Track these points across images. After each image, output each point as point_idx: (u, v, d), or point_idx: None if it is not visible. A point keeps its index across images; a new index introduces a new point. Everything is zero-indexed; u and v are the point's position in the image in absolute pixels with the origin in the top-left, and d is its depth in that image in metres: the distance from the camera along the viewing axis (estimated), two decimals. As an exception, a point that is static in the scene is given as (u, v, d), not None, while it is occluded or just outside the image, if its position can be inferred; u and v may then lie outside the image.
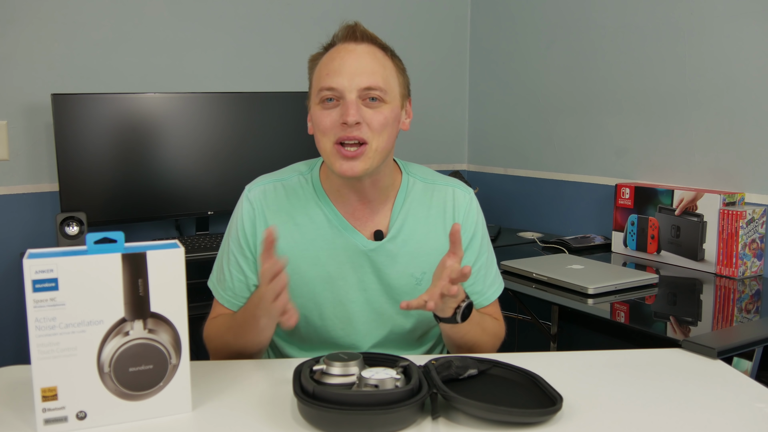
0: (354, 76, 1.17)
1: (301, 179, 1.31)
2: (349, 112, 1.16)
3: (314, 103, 1.21)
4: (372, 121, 1.18)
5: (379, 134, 1.19)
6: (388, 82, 1.20)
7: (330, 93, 1.18)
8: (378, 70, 1.19)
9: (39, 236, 2.38)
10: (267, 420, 0.98)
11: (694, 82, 2.27)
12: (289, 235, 1.27)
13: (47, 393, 0.92)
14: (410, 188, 1.32)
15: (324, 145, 1.20)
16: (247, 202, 1.29)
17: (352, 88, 1.17)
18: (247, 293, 1.30)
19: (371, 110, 1.18)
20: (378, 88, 1.18)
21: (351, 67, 1.17)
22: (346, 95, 1.17)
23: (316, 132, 1.21)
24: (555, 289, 1.91)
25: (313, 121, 1.21)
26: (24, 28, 2.31)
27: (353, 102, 1.17)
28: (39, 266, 0.90)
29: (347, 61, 1.18)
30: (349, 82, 1.17)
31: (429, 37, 3.08)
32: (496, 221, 2.99)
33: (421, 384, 0.98)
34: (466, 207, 1.33)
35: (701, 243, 2.13)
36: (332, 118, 1.18)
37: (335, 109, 1.18)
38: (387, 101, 1.20)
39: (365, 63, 1.19)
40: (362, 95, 1.18)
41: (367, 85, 1.17)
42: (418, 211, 1.30)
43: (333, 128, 1.18)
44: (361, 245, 1.27)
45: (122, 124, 2.32)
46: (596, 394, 1.06)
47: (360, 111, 1.17)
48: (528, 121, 2.93)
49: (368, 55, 1.20)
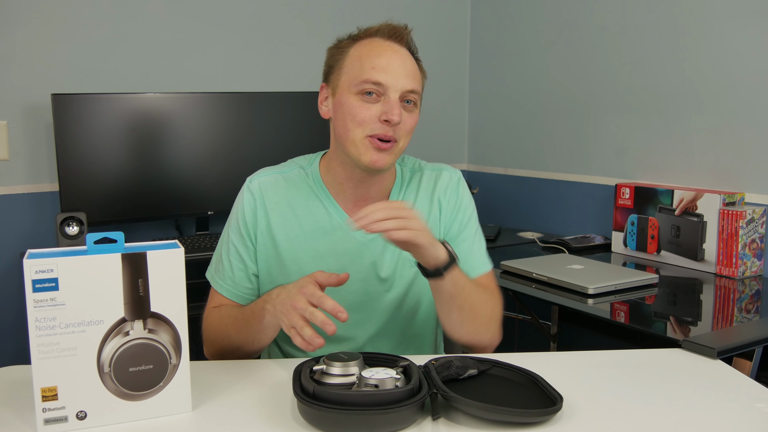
0: (400, 77, 1.20)
1: (301, 172, 1.33)
2: (394, 111, 1.18)
3: (349, 92, 1.22)
4: (406, 123, 1.22)
5: (407, 135, 1.24)
6: (421, 88, 1.27)
7: (374, 87, 1.20)
8: (417, 76, 1.24)
9: (39, 236, 2.38)
10: (267, 420, 0.98)
11: (694, 82, 2.27)
12: (288, 227, 1.29)
13: (47, 393, 0.92)
14: (403, 179, 1.36)
15: (354, 136, 1.21)
16: (249, 192, 1.31)
17: (398, 87, 1.20)
18: (248, 282, 1.31)
19: (406, 112, 1.22)
20: (417, 92, 1.24)
21: (398, 67, 1.21)
22: (391, 94, 1.20)
23: (347, 121, 1.21)
24: (555, 289, 1.91)
25: (345, 108, 1.22)
26: (24, 27, 2.31)
27: (397, 102, 1.20)
28: (39, 266, 0.90)
29: (395, 61, 1.21)
30: (395, 81, 1.20)
31: (429, 37, 3.07)
32: (496, 221, 2.99)
33: (421, 384, 0.98)
34: (448, 184, 1.36)
35: (701, 243, 2.13)
36: (372, 112, 1.20)
37: (376, 104, 1.20)
38: (418, 106, 1.26)
39: (409, 66, 1.23)
40: (403, 96, 1.21)
41: (411, 88, 1.21)
42: (409, 199, 1.34)
43: (371, 122, 1.20)
44: (360, 237, 1.29)
45: (122, 124, 2.32)
46: (596, 394, 1.06)
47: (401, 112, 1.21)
48: (528, 121, 2.93)
49: (410, 59, 1.25)
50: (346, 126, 1.22)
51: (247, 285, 1.31)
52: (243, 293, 1.31)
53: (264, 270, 1.30)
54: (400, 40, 1.25)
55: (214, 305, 1.32)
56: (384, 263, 1.30)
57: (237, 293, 1.31)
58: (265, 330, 1.18)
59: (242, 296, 1.31)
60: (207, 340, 1.31)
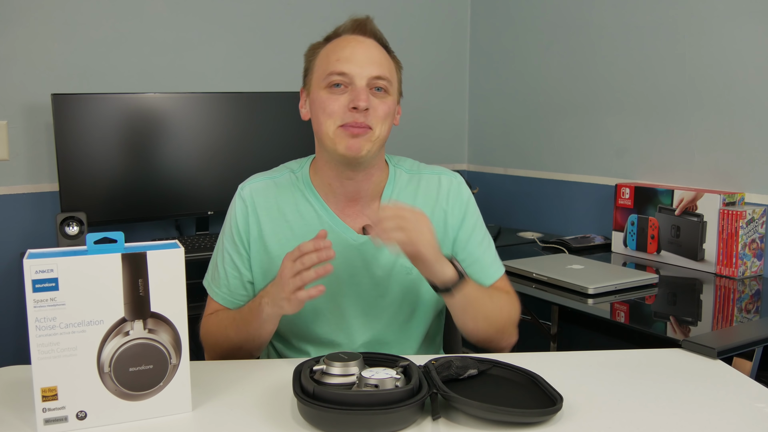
0: (365, 65, 1.21)
1: (291, 176, 1.33)
2: (360, 97, 1.19)
3: (319, 88, 1.23)
4: (378, 109, 1.21)
5: (382, 122, 1.22)
6: (392, 75, 1.26)
7: (340, 78, 1.20)
8: (385, 63, 1.24)
9: (39, 236, 2.38)
10: (267, 420, 0.98)
11: (694, 82, 2.27)
12: (280, 232, 1.28)
13: (47, 393, 0.92)
14: (397, 180, 1.34)
15: (327, 128, 1.21)
16: (240, 200, 1.31)
17: (363, 75, 1.20)
18: (243, 290, 1.31)
19: (377, 99, 1.22)
20: (386, 78, 1.23)
21: (362, 56, 1.21)
22: (357, 81, 1.20)
23: (319, 115, 1.23)
24: (555, 289, 1.91)
25: (317, 104, 1.23)
26: (24, 27, 2.31)
27: (364, 88, 1.20)
28: (39, 266, 0.90)
29: (358, 50, 1.22)
30: (360, 69, 1.20)
31: (429, 37, 3.08)
32: (496, 221, 2.99)
33: (421, 384, 0.98)
34: (449, 190, 1.34)
35: (701, 243, 2.13)
36: (340, 102, 1.20)
37: (343, 95, 1.21)
38: (390, 93, 1.24)
39: (374, 54, 1.23)
40: (371, 84, 1.21)
41: (378, 74, 1.21)
42: (405, 201, 1.32)
43: (341, 112, 1.20)
44: (351, 239, 1.28)
45: (122, 124, 2.32)
46: (596, 394, 1.06)
47: (369, 99, 1.20)
48: (528, 121, 2.93)
49: (375, 48, 1.25)
50: (319, 120, 1.23)
51: (242, 292, 1.31)
52: (238, 300, 1.31)
53: (259, 276, 1.30)
54: (364, 32, 1.25)
55: (210, 312, 1.33)
56: (378, 267, 1.29)
57: (232, 300, 1.31)
58: (264, 324, 1.19)
59: (238, 303, 1.31)
60: (207, 346, 1.31)
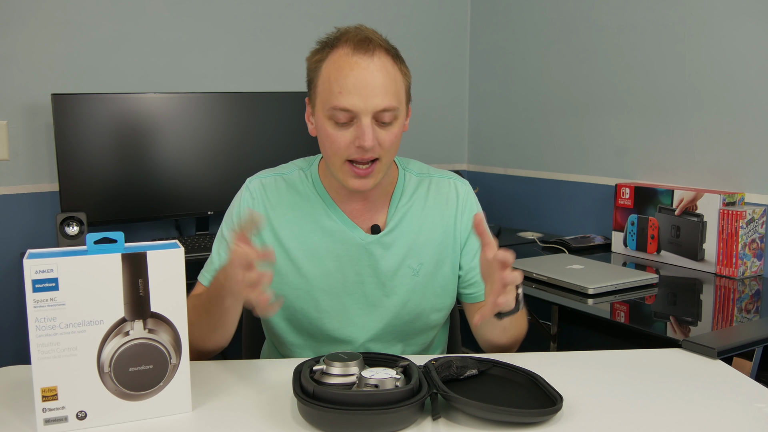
0: (369, 98, 1.14)
1: (301, 174, 1.32)
2: (366, 138, 1.14)
3: (323, 117, 1.18)
4: (384, 141, 1.18)
5: (389, 150, 1.20)
6: (399, 98, 1.19)
7: (343, 115, 1.15)
8: (391, 88, 1.16)
9: (39, 236, 2.38)
10: (267, 420, 0.98)
11: (694, 82, 2.27)
12: (287, 228, 1.28)
13: (47, 393, 0.92)
14: (406, 183, 1.34)
15: (334, 162, 1.20)
16: (248, 192, 1.31)
17: (368, 110, 1.15)
18: None
19: (384, 131, 1.18)
20: (392, 109, 1.17)
21: (366, 88, 1.14)
22: (362, 118, 1.15)
23: (325, 146, 1.21)
24: (555, 289, 1.91)
25: (322, 134, 1.20)
26: (24, 28, 2.31)
27: (369, 126, 1.15)
28: (39, 266, 0.90)
29: (361, 80, 1.14)
30: (364, 104, 1.14)
31: (429, 37, 3.07)
32: (496, 221, 2.98)
33: (421, 384, 0.98)
34: (469, 200, 1.36)
35: (701, 243, 2.13)
36: (345, 138, 1.17)
37: (348, 130, 1.17)
38: (398, 118, 1.20)
39: (379, 82, 1.15)
40: (376, 117, 1.16)
41: (383, 107, 1.15)
42: (415, 204, 1.32)
43: (346, 148, 1.17)
44: (359, 239, 1.28)
45: (122, 124, 2.32)
46: (596, 394, 1.06)
47: (375, 133, 1.16)
48: (528, 121, 2.93)
49: (381, 71, 1.16)
50: (326, 151, 1.22)
51: None
52: None
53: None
54: (368, 52, 1.15)
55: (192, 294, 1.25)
56: (384, 268, 1.29)
57: None
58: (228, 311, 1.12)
59: None
60: None
